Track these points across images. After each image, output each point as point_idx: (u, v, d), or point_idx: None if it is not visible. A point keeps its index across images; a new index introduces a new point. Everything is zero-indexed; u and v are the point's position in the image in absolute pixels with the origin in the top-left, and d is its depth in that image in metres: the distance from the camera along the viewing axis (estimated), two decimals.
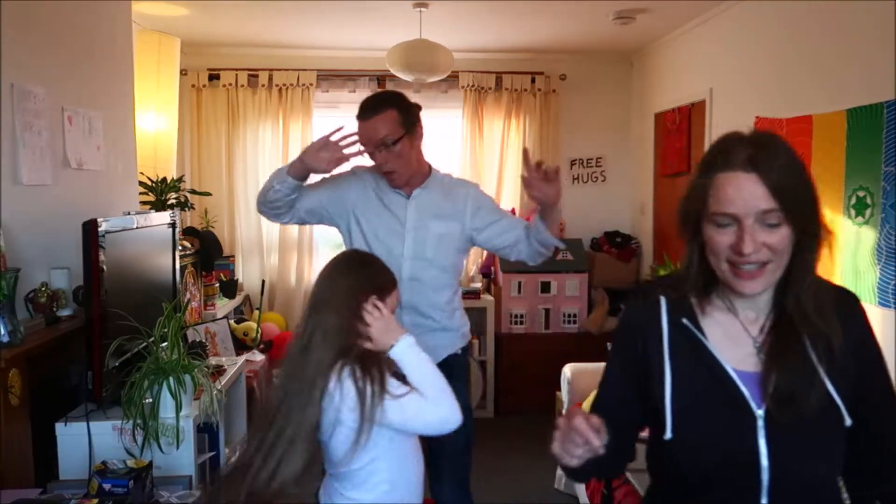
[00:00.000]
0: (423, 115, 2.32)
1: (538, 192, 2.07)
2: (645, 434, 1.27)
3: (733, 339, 1.16)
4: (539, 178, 2.05)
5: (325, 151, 2.15)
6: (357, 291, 1.63)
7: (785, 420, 1.09)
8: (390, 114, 2.16)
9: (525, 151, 2.11)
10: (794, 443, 1.10)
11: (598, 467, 1.12)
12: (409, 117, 2.21)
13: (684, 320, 1.16)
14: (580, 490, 3.25)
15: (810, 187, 1.10)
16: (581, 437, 1.00)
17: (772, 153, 1.07)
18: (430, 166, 2.34)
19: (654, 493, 1.29)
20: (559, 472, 3.62)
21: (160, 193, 3.58)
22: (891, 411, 1.19)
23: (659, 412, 1.15)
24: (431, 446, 2.12)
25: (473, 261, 5.09)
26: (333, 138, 2.16)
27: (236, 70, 4.79)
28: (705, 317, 1.18)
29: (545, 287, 4.75)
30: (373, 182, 2.31)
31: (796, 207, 1.06)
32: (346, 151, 2.17)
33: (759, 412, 1.11)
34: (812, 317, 1.11)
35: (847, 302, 1.19)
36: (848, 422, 1.10)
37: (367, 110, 2.17)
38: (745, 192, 1.06)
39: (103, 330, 1.98)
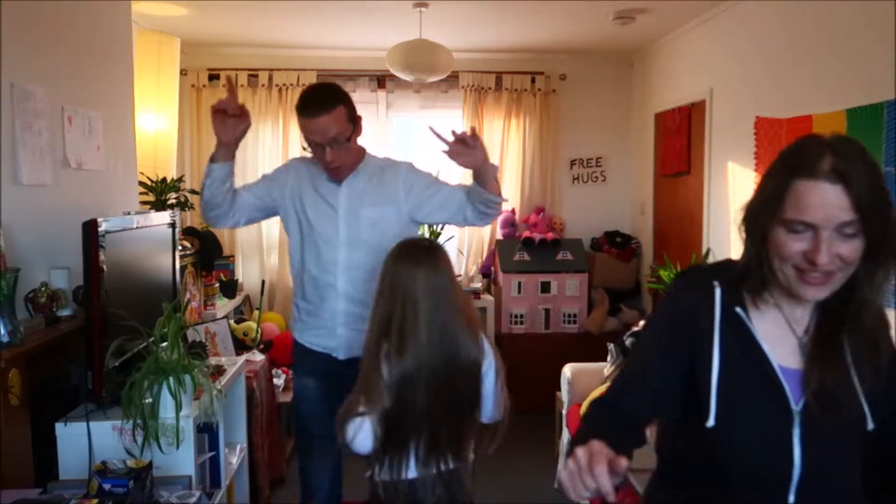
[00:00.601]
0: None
1: (462, 160, 2.13)
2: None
3: (779, 334, 1.16)
4: (459, 147, 2.12)
5: (218, 120, 2.13)
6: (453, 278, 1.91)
7: (820, 419, 1.10)
8: (340, 111, 2.14)
9: (438, 130, 2.17)
10: (827, 442, 1.12)
11: None
12: (354, 112, 2.22)
13: (738, 309, 1.15)
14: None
15: (888, 199, 1.08)
16: (601, 487, 0.97)
17: (858, 165, 1.05)
18: (363, 151, 2.34)
19: (668, 474, 1.28)
20: (559, 470, 3.62)
21: (160, 193, 3.57)
22: None
23: (702, 398, 1.14)
24: None
25: (473, 261, 5.09)
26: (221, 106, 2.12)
27: (236, 70, 4.79)
28: (755, 308, 1.17)
29: (545, 287, 4.75)
30: (307, 172, 2.33)
31: (875, 220, 1.05)
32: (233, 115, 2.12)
33: (797, 409, 1.12)
34: (870, 331, 1.12)
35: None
36: (871, 425, 1.11)
37: (315, 107, 2.12)
38: (827, 203, 1.03)
39: (103, 330, 1.98)
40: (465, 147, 2.11)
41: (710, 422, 1.13)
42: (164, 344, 2.03)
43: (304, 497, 2.44)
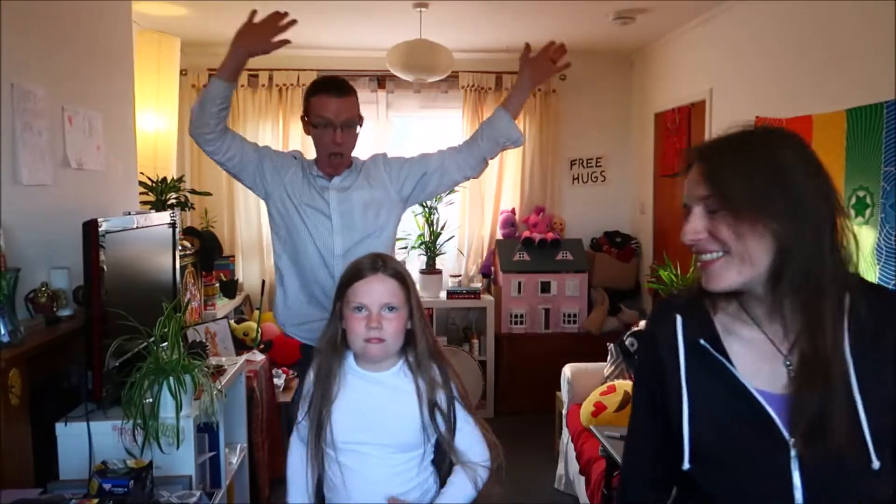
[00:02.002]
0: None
1: (537, 71, 2.34)
2: None
3: (763, 357, 1.06)
4: (547, 58, 2.33)
5: (263, 29, 2.19)
6: None
7: (817, 451, 0.97)
8: (354, 99, 2.26)
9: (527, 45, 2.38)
10: (833, 473, 0.98)
11: None
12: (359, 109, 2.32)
13: (702, 341, 1.07)
14: (580, 490, 3.25)
15: (757, 175, 1.00)
16: None
17: (719, 144, 1.06)
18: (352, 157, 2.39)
19: None
20: (559, 471, 3.62)
21: (160, 193, 3.57)
22: None
23: (678, 441, 1.07)
24: None
25: (473, 261, 5.09)
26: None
27: None
28: (730, 335, 1.08)
29: (545, 287, 4.75)
30: (304, 168, 2.36)
31: (734, 195, 1.00)
32: (283, 36, 2.19)
33: (792, 440, 1.00)
34: (822, 342, 0.99)
35: (881, 307, 1.04)
36: (876, 465, 0.96)
37: (340, 89, 2.22)
38: (691, 181, 1.06)
39: (103, 330, 1.98)
40: (550, 59, 2.31)
41: (685, 465, 1.05)
42: (164, 344, 2.03)
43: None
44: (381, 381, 1.58)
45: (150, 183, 3.56)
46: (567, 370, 3.75)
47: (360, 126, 2.30)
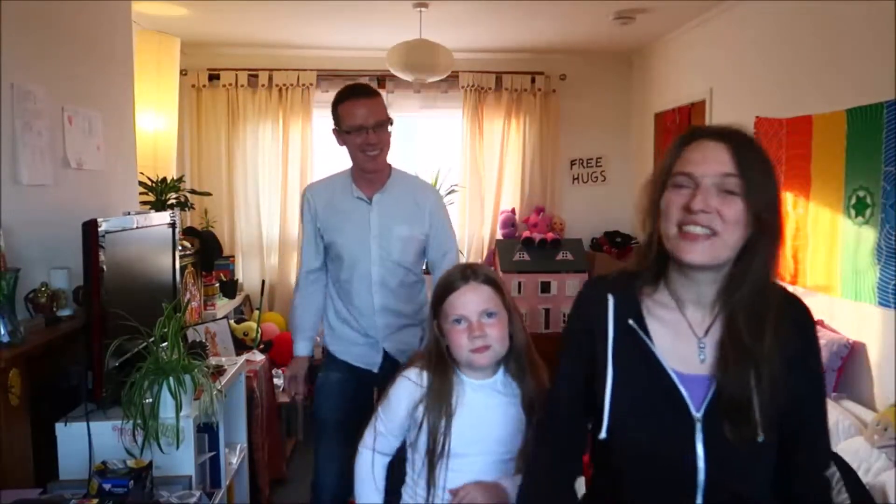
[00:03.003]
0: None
1: None
2: None
3: (679, 339, 1.15)
4: None
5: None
6: None
7: (719, 427, 1.08)
8: (381, 100, 2.30)
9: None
10: (731, 449, 1.08)
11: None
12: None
13: (630, 322, 1.15)
14: (580, 490, 3.25)
15: (774, 182, 1.11)
16: None
17: (743, 134, 1.12)
18: (390, 165, 2.39)
19: (596, 484, 1.29)
20: None
21: (160, 193, 3.57)
22: (817, 431, 1.17)
23: (598, 411, 1.15)
24: None
25: (473, 261, 5.09)
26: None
27: (236, 70, 4.80)
28: (652, 316, 1.17)
29: (545, 287, 4.75)
30: (327, 194, 2.37)
31: (756, 184, 1.07)
32: None
33: (698, 415, 1.10)
34: (742, 333, 1.09)
35: (796, 313, 1.16)
36: (760, 438, 1.07)
37: (366, 93, 2.28)
38: (709, 158, 1.08)
39: (103, 330, 1.98)
40: None
41: (602, 434, 1.13)
42: (164, 344, 2.03)
43: (313, 488, 2.45)
44: (491, 389, 1.57)
45: (150, 183, 3.56)
46: None
47: (391, 126, 2.31)
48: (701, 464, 1.09)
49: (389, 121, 2.28)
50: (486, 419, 1.55)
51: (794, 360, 1.11)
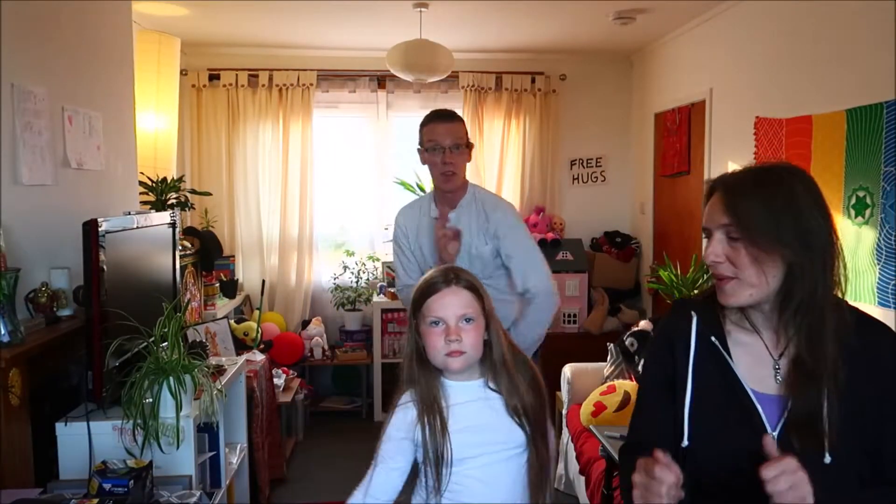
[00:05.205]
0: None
1: None
2: None
3: (757, 360, 1.21)
4: None
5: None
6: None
7: (790, 445, 1.11)
8: (463, 125, 2.48)
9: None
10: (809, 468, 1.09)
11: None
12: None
13: (713, 338, 1.22)
14: (580, 490, 3.26)
15: (789, 214, 1.13)
16: (666, 486, 1.05)
17: (740, 177, 1.19)
18: (468, 182, 2.52)
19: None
20: (559, 471, 3.62)
21: (160, 193, 3.57)
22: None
23: (678, 420, 1.21)
24: None
25: None
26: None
27: (236, 70, 4.80)
28: (733, 337, 1.24)
29: None
30: (413, 213, 2.57)
31: (755, 225, 1.13)
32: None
33: (774, 434, 1.14)
34: (803, 353, 1.15)
35: (871, 332, 1.21)
36: (827, 459, 1.11)
37: (450, 116, 2.46)
38: (712, 210, 1.20)
39: (103, 330, 1.98)
40: None
41: (685, 442, 1.19)
42: (164, 344, 2.03)
43: None
44: (478, 388, 1.57)
45: (150, 183, 3.56)
46: (567, 370, 3.75)
47: (470, 149, 2.46)
48: None
49: (467, 144, 2.44)
50: (480, 420, 1.54)
51: (872, 380, 1.15)
